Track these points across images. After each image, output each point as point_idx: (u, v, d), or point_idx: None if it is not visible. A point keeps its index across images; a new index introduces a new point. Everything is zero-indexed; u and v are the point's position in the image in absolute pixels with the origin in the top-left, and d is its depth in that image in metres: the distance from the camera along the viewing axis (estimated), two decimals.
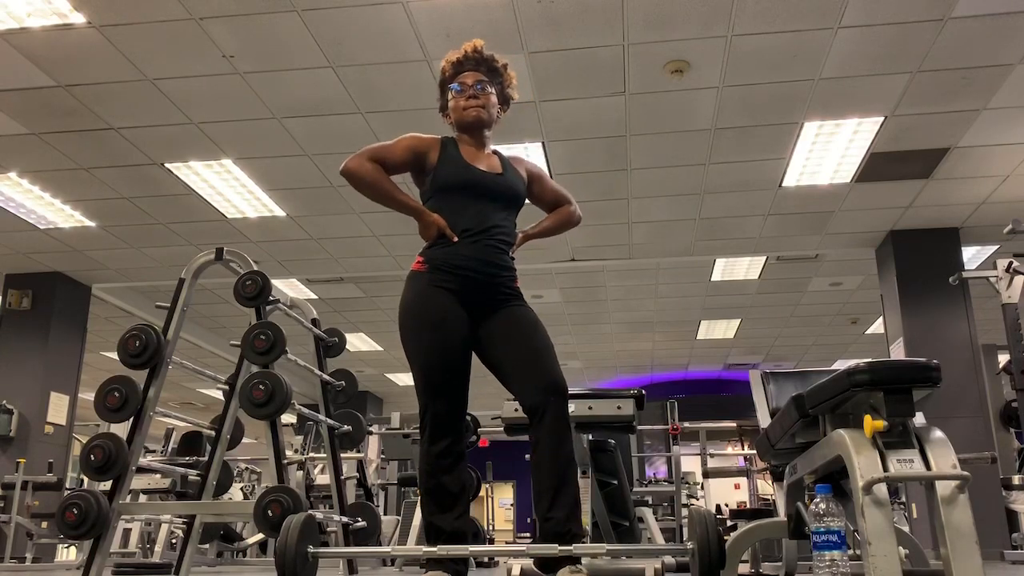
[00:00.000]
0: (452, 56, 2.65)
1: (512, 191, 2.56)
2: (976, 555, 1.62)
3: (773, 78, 5.06)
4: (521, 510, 17.03)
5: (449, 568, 2.26)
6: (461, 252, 2.42)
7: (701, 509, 2.20)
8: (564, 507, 2.25)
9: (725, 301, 9.75)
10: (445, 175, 2.51)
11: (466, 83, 2.60)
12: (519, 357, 2.38)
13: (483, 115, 2.58)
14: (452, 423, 2.35)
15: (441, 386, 2.35)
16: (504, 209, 2.52)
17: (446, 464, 2.33)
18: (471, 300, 2.41)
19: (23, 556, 6.89)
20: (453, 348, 2.37)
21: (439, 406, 2.34)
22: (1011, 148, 5.93)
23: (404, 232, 7.32)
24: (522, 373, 2.36)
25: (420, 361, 2.37)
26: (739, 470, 9.81)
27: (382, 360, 12.03)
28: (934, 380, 1.79)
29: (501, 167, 2.59)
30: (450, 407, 2.35)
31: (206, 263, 3.75)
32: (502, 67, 2.66)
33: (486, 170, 2.54)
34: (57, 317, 8.03)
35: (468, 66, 2.63)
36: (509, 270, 2.49)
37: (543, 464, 2.28)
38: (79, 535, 3.23)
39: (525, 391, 2.34)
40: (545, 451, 2.28)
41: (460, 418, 2.39)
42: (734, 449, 13.31)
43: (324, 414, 4.17)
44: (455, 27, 4.53)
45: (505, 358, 2.40)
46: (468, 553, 2.17)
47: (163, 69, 4.91)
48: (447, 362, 2.36)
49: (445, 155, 2.55)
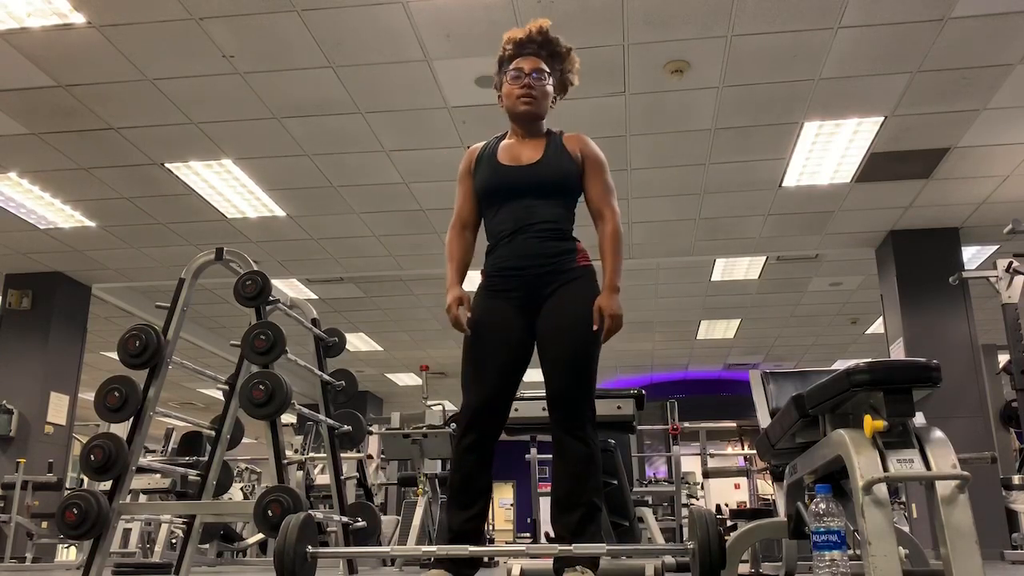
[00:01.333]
0: (515, 34, 2.50)
1: (550, 179, 2.42)
2: (976, 555, 1.62)
3: (773, 78, 5.06)
4: (521, 510, 17.02)
5: (450, 568, 2.25)
6: (503, 254, 2.41)
7: (701, 509, 2.20)
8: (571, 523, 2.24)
9: (725, 301, 9.75)
10: (477, 184, 2.49)
11: (523, 69, 2.46)
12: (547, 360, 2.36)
13: (534, 108, 2.46)
14: (482, 418, 2.33)
15: (478, 379, 2.35)
16: (546, 198, 2.41)
17: (470, 460, 2.31)
18: (523, 295, 2.39)
19: (23, 556, 6.89)
20: (494, 342, 2.36)
21: (471, 398, 2.34)
22: (1011, 148, 5.92)
23: (404, 232, 7.32)
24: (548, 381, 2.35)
25: (464, 356, 2.40)
26: (739, 470, 9.82)
27: (382, 360, 12.03)
28: (934, 380, 1.79)
29: (544, 152, 2.45)
30: (482, 401, 2.33)
31: (206, 263, 3.75)
32: (565, 51, 2.53)
33: (522, 163, 2.44)
34: (57, 317, 8.03)
35: (529, 49, 2.48)
36: (560, 255, 2.39)
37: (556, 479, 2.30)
38: (79, 535, 3.22)
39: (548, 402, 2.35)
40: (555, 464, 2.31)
41: (493, 415, 2.34)
42: (734, 449, 13.32)
43: (324, 414, 4.17)
44: (455, 27, 4.53)
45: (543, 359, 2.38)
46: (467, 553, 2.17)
47: (163, 69, 4.91)
48: (485, 355, 2.36)
49: (481, 162, 2.50)
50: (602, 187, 2.49)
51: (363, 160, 6.04)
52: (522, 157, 2.45)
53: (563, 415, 2.30)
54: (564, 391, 2.31)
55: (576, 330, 2.32)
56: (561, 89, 2.58)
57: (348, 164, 6.11)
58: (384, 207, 6.84)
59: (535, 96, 2.45)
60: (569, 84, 2.59)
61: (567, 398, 2.30)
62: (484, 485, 2.34)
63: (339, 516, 4.02)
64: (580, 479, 2.26)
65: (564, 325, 2.33)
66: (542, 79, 2.47)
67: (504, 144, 2.51)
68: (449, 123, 5.41)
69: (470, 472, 2.31)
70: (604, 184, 2.49)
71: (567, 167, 2.45)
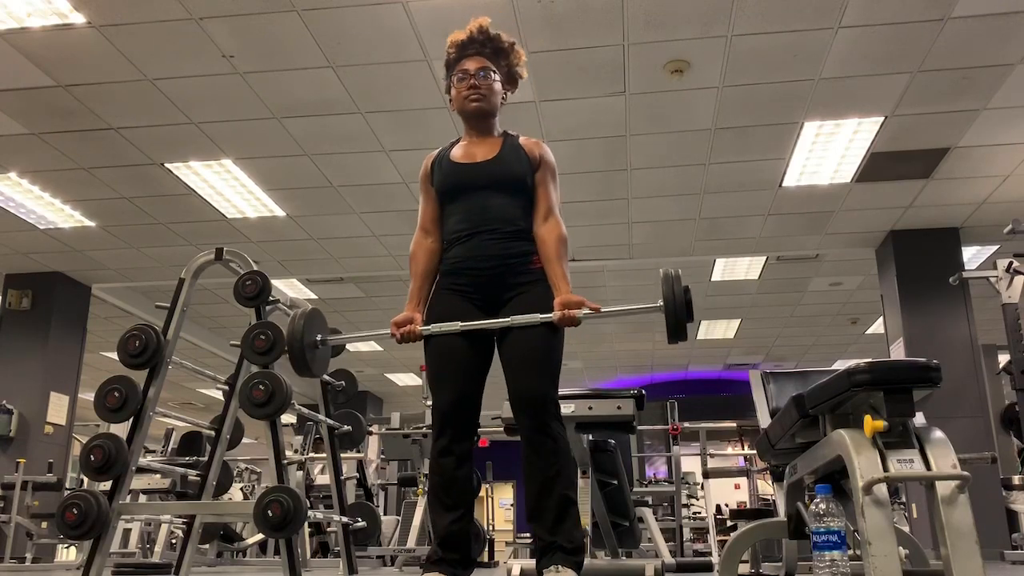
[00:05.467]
0: (457, 36, 2.54)
1: (505, 176, 2.43)
2: (976, 555, 1.62)
3: (773, 78, 5.06)
4: (521, 510, 17.01)
5: (446, 570, 2.26)
6: (460, 254, 2.42)
7: (669, 269, 2.27)
8: (546, 520, 2.25)
9: (725, 301, 9.75)
10: (436, 185, 2.51)
11: (468, 70, 2.49)
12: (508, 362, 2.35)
13: (483, 105, 2.48)
14: (452, 420, 2.32)
15: (441, 382, 2.36)
16: (502, 195, 2.41)
17: (447, 463, 2.31)
18: (482, 296, 2.39)
19: (23, 556, 6.88)
20: (453, 345, 2.36)
21: (438, 401, 2.35)
22: (1011, 148, 5.92)
23: (404, 232, 7.32)
24: (509, 382, 2.34)
25: (427, 359, 2.40)
26: (739, 470, 9.81)
27: (382, 360, 12.03)
28: (934, 380, 1.79)
29: (499, 150, 2.47)
30: (449, 403, 2.33)
31: (206, 263, 3.75)
32: (508, 46, 2.55)
33: (478, 160, 2.45)
34: (57, 317, 8.02)
35: (472, 49, 2.52)
36: (517, 256, 2.38)
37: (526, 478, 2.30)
38: (79, 535, 3.22)
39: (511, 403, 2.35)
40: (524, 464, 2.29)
41: (462, 415, 2.34)
42: (734, 449, 13.30)
43: (324, 414, 4.16)
44: (455, 27, 4.49)
45: (504, 361, 2.37)
46: None
47: (163, 69, 4.91)
48: (446, 358, 2.36)
49: (437, 164, 2.52)
50: (552, 195, 2.49)
51: (363, 160, 6.04)
52: (477, 155, 2.47)
53: (532, 413, 2.27)
54: (534, 390, 2.28)
55: (538, 328, 2.31)
56: (510, 83, 2.59)
57: (348, 164, 6.11)
58: (384, 207, 6.84)
59: (482, 93, 2.47)
60: (518, 78, 2.60)
61: (536, 396, 2.28)
62: (465, 486, 2.34)
63: (339, 516, 4.02)
64: (552, 475, 2.25)
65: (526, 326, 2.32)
66: (488, 77, 2.49)
67: (459, 145, 2.54)
68: (449, 123, 5.41)
69: (449, 474, 2.31)
70: (555, 192, 2.50)
71: (523, 167, 2.46)
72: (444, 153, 2.54)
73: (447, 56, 2.57)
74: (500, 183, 2.43)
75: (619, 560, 4.32)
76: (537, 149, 2.51)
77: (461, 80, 2.50)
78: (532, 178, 2.47)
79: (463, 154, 2.50)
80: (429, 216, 2.52)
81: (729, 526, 6.60)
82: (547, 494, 2.25)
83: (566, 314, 2.27)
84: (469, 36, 2.52)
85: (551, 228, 2.42)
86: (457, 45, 2.54)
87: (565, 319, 2.27)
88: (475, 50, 2.52)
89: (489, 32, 2.52)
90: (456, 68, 2.53)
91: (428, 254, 2.49)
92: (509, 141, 2.52)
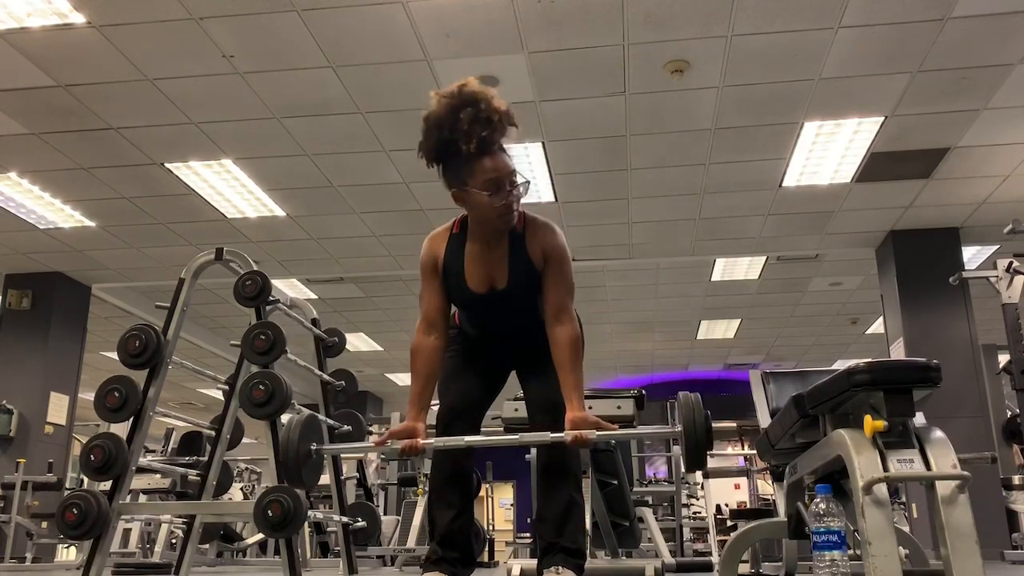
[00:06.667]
0: (473, 114, 2.10)
1: (522, 302, 2.36)
2: (976, 555, 1.62)
3: (773, 78, 5.06)
4: (521, 510, 17.00)
5: (447, 569, 2.27)
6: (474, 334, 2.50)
7: (688, 394, 2.26)
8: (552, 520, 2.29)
9: (725, 301, 9.75)
10: (450, 292, 2.37)
11: (503, 183, 2.18)
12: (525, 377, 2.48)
13: (512, 222, 2.24)
14: (459, 412, 2.38)
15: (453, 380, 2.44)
16: (518, 309, 2.39)
17: (450, 459, 2.36)
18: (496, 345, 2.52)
19: (23, 556, 6.88)
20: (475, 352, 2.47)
21: (447, 397, 2.42)
22: (1011, 148, 5.92)
23: (404, 232, 7.32)
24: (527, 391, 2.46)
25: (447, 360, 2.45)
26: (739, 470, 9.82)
27: (382, 360, 12.03)
28: (934, 380, 1.79)
29: (509, 269, 2.29)
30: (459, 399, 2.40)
31: (206, 263, 3.74)
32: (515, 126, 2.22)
33: (485, 289, 2.32)
34: (57, 317, 8.02)
35: (496, 142, 2.17)
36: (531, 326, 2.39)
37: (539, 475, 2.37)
38: (79, 535, 3.22)
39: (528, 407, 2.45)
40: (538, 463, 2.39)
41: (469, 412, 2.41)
42: (734, 449, 13.33)
43: (324, 414, 4.16)
44: (455, 27, 4.53)
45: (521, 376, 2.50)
46: None
47: (163, 69, 4.91)
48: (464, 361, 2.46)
49: (448, 265, 2.33)
50: (563, 289, 2.31)
51: (363, 160, 6.04)
52: (492, 278, 2.31)
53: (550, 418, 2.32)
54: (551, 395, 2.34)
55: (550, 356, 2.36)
56: None
57: (348, 164, 6.11)
58: (384, 207, 6.84)
59: (515, 211, 2.23)
60: None
61: (555, 401, 2.32)
62: (466, 484, 2.37)
63: (339, 516, 4.02)
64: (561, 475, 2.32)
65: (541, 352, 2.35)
66: (516, 185, 2.21)
67: (469, 253, 2.32)
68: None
69: (451, 471, 2.35)
70: (565, 286, 2.32)
71: (533, 279, 2.31)
72: (454, 258, 2.33)
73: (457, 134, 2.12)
74: (512, 306, 2.38)
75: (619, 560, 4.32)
76: (542, 242, 2.30)
77: (497, 192, 2.18)
78: (540, 279, 2.32)
79: (476, 279, 2.32)
80: (435, 308, 2.34)
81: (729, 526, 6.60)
82: (555, 493, 2.30)
83: (579, 436, 2.15)
84: (493, 126, 2.13)
85: (565, 330, 2.27)
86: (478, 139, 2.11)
87: (578, 441, 2.16)
88: (499, 146, 2.19)
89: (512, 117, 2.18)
90: (480, 165, 2.16)
91: (432, 353, 2.32)
92: (516, 245, 2.30)
